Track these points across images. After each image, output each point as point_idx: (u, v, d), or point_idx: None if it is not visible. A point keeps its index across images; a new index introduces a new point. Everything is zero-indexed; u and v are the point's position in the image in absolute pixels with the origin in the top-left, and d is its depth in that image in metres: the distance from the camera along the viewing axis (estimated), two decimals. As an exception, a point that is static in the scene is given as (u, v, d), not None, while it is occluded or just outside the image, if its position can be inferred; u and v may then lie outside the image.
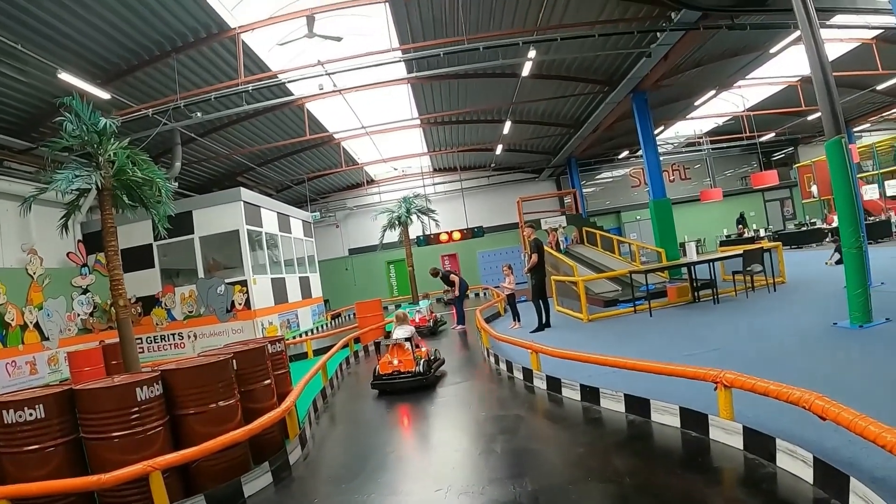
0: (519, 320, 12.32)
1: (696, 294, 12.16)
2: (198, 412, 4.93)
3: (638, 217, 31.96)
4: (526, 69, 15.21)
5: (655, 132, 20.34)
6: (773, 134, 30.31)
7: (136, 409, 4.47)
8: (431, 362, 8.75)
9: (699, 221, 30.21)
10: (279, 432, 5.93)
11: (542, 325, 11.34)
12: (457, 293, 15.07)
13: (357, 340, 13.40)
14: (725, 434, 4.29)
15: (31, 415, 4.25)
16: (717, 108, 26.23)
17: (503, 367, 8.53)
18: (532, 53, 14.07)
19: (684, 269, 12.94)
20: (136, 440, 4.44)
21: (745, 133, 27.45)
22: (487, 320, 12.30)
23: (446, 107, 21.32)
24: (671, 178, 32.10)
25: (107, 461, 4.31)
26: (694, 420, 4.63)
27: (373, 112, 20.53)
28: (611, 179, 34.09)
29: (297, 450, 5.64)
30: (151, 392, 4.60)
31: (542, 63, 16.55)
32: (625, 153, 30.99)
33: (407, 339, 8.73)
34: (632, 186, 33.38)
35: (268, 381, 6.01)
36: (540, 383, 7.06)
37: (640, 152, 19.64)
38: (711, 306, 11.17)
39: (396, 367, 8.32)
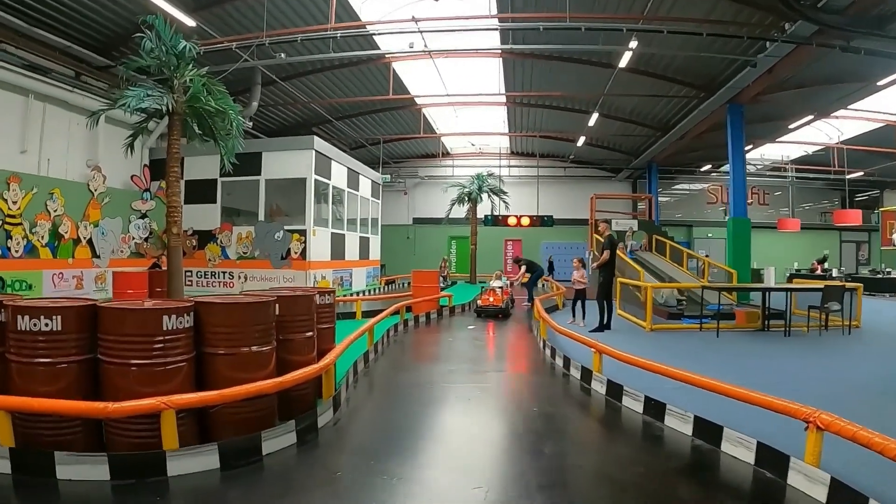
0: (584, 317, 11.57)
1: (766, 322, 11.31)
2: (228, 353, 4.45)
3: (710, 234, 30.81)
4: (624, 60, 14.60)
5: (745, 148, 19.34)
6: (861, 172, 28.19)
7: (161, 338, 4.03)
8: (510, 302, 14.35)
9: (770, 250, 28.30)
10: (313, 391, 5.45)
11: (603, 326, 10.64)
12: (528, 276, 16.42)
13: (409, 309, 12.93)
14: (807, 482, 3.64)
15: (46, 325, 3.87)
16: (809, 136, 24.67)
17: (559, 362, 7.85)
18: (633, 43, 13.41)
19: (756, 295, 12.09)
20: (156, 372, 4.00)
21: (834, 167, 25.94)
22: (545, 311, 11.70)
23: (535, 87, 20.62)
24: (749, 200, 30.69)
25: (121, 389, 3.91)
26: (772, 459, 3.98)
27: (459, 82, 20.02)
28: (687, 192, 33.03)
29: (328, 412, 5.12)
30: (180, 323, 4.15)
31: (641, 57, 15.76)
32: (707, 167, 29.62)
33: (500, 288, 13.95)
34: (708, 202, 32.37)
35: (310, 334, 5.50)
36: (598, 386, 6.37)
37: (723, 167, 18.78)
38: (782, 338, 10.43)
39: (491, 302, 13.48)
